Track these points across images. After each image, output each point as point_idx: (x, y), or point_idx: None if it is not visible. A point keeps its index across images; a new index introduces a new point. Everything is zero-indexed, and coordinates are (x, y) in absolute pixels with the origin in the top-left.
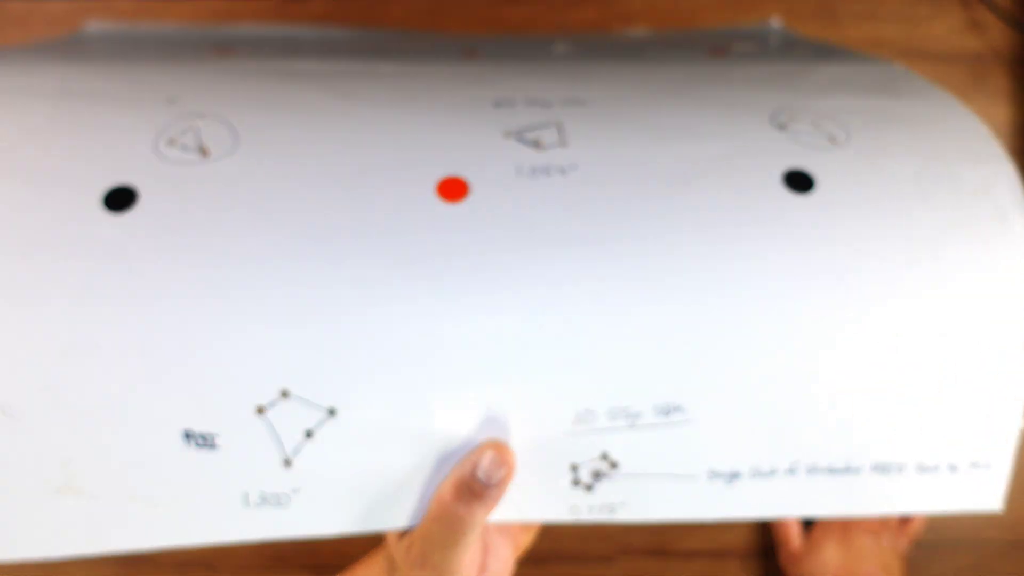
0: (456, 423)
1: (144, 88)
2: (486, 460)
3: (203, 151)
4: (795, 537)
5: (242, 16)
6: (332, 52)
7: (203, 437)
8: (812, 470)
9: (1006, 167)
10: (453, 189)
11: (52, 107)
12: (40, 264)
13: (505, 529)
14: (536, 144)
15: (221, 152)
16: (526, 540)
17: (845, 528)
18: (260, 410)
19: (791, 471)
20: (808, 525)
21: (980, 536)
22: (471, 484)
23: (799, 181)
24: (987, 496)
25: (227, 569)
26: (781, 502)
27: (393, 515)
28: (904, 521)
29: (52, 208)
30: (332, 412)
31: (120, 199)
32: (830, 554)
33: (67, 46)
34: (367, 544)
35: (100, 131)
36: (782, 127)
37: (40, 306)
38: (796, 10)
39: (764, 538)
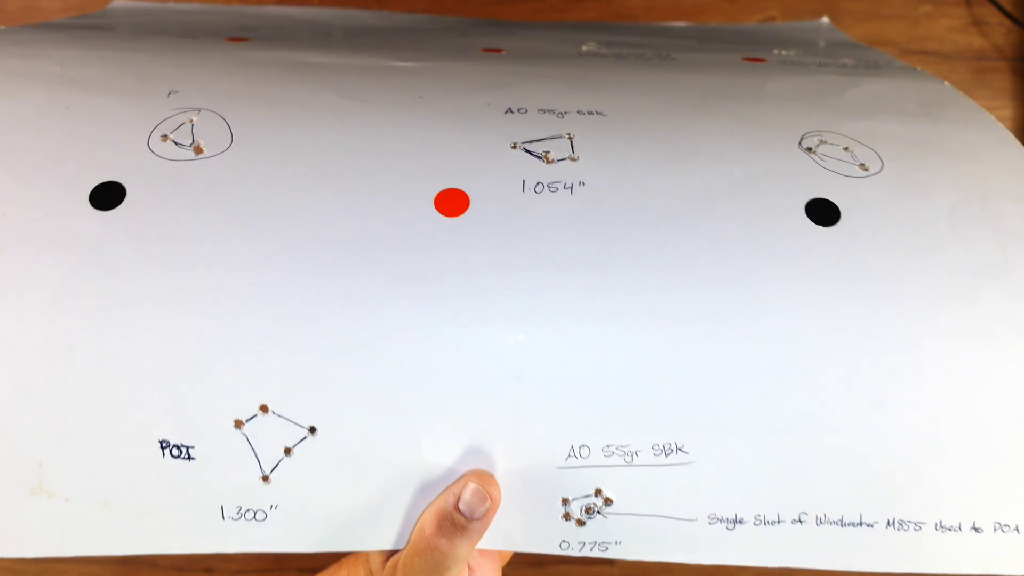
0: (441, 451)
1: (143, 79)
2: (468, 493)
3: (196, 148)
4: None
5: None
6: (350, 40)
7: (179, 447)
8: (821, 521)
9: None
10: (453, 202)
11: (47, 95)
12: (20, 260)
13: (489, 552)
14: (544, 157)
15: (214, 150)
16: (508, 552)
17: None
18: (238, 424)
19: (799, 521)
20: None
21: None
22: (453, 517)
23: (823, 212)
24: (1014, 562)
25: (225, 571)
26: (787, 552)
27: (374, 536)
28: None
29: (37, 202)
30: (313, 430)
31: (107, 196)
32: None
33: (86, 24)
34: None
35: (93, 123)
36: (811, 151)
37: (17, 303)
38: (798, 8)
39: None
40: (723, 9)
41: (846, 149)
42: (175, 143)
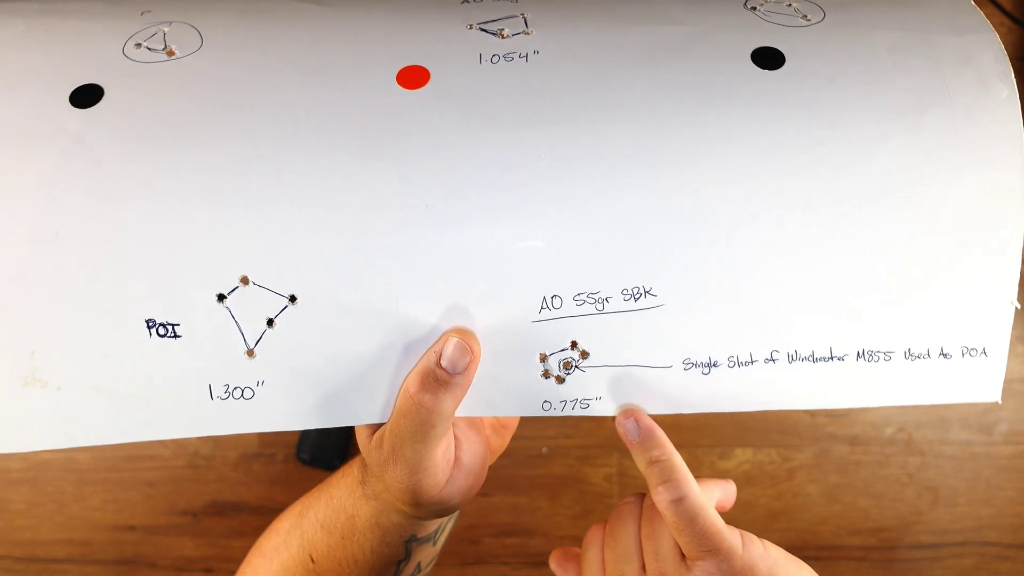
0: (421, 311)
1: (118, 4)
2: (450, 347)
3: (169, 52)
4: None
5: None
6: None
7: (165, 326)
8: (793, 358)
9: (989, 36)
10: (414, 77)
11: (27, 23)
12: (4, 156)
13: (476, 426)
14: (499, 34)
15: (186, 52)
16: (499, 443)
17: None
18: (220, 298)
19: (771, 360)
20: None
21: (982, 538)
22: (436, 373)
23: (769, 58)
24: (984, 386)
25: (225, 572)
26: (761, 394)
27: (362, 409)
28: None
29: (19, 105)
30: (293, 299)
31: (87, 96)
32: None
33: None
34: None
35: (70, 40)
36: (755, 9)
37: (2, 196)
38: None
39: (763, 537)
40: None
41: (789, 5)
42: (148, 49)
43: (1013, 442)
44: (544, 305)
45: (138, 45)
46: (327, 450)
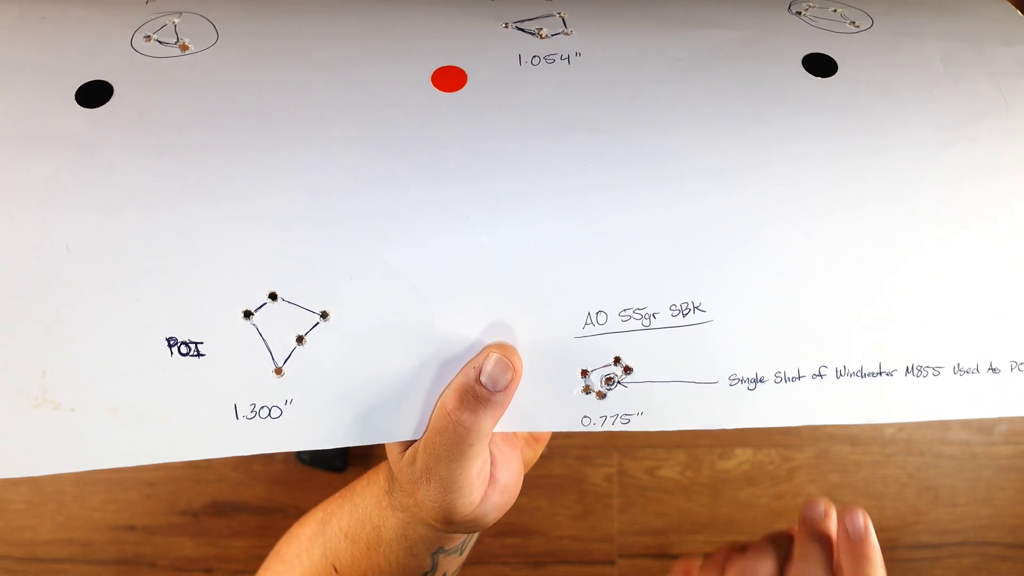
0: (458, 326)
1: None
2: (491, 364)
3: (182, 46)
4: None
5: None
6: None
7: (187, 344)
8: (841, 374)
9: None
10: (450, 79)
11: (21, 9)
12: (7, 161)
13: (512, 440)
14: (538, 34)
15: (201, 46)
16: (531, 456)
17: None
18: (247, 314)
19: (819, 375)
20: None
21: (982, 538)
22: (475, 390)
23: (820, 65)
24: None
25: (225, 572)
26: (808, 409)
27: (394, 427)
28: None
29: (20, 104)
30: (324, 316)
31: (94, 94)
32: None
33: None
34: None
35: (72, 30)
36: (800, 14)
37: (8, 205)
38: None
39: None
40: None
41: (835, 11)
42: (159, 42)
43: (1013, 442)
44: (588, 321)
45: (147, 38)
46: (328, 451)
